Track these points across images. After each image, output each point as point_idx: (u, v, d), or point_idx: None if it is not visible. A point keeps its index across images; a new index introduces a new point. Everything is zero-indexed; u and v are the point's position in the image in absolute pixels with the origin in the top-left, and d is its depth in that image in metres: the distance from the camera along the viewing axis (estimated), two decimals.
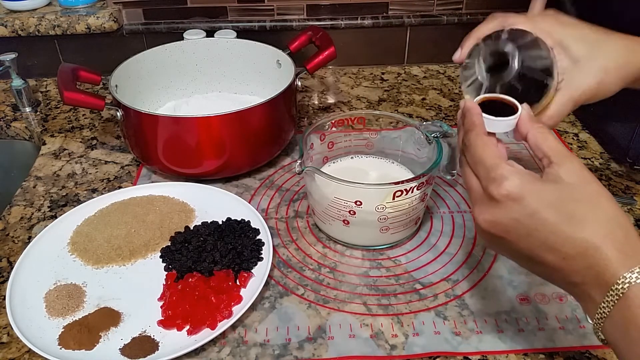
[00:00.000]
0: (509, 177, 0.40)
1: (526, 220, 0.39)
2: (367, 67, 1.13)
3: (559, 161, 0.41)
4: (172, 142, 0.74)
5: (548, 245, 0.39)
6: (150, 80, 0.89)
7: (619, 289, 0.36)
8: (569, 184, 0.39)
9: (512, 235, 0.40)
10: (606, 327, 0.38)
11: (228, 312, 0.57)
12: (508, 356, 0.54)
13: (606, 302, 0.37)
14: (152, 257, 0.66)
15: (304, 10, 1.07)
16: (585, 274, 0.38)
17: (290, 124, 0.83)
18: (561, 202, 0.39)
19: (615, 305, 0.37)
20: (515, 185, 0.39)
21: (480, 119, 0.46)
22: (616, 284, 0.36)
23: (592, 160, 0.84)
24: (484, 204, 0.42)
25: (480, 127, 0.45)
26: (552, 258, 0.39)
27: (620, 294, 0.36)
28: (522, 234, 0.40)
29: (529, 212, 0.39)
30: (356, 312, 0.60)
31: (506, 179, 0.40)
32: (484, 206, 0.42)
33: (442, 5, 1.08)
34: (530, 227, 0.39)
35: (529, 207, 0.39)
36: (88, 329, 0.56)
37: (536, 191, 0.39)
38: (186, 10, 1.06)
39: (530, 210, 0.39)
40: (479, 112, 0.46)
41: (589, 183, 0.40)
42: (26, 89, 0.98)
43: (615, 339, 0.38)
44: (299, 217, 0.73)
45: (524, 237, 0.40)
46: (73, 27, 1.03)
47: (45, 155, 0.87)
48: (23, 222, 0.73)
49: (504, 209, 0.40)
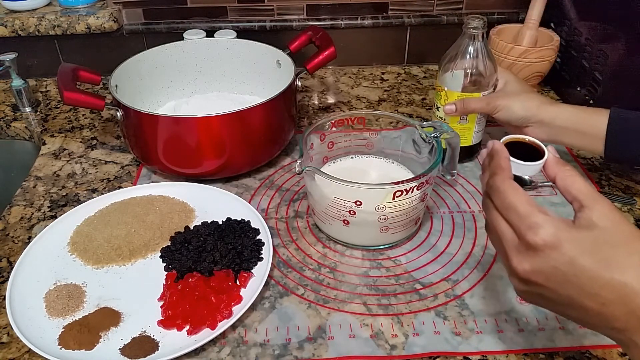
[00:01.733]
0: (545, 225, 0.40)
1: (565, 268, 0.39)
2: (367, 67, 1.13)
3: (590, 205, 0.41)
4: (172, 142, 0.74)
5: (587, 292, 0.39)
6: (150, 80, 0.89)
7: None
8: (603, 228, 0.40)
9: (551, 283, 0.41)
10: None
11: (228, 312, 0.57)
12: (508, 356, 0.54)
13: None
14: (152, 257, 0.66)
15: (304, 10, 1.07)
16: (628, 319, 0.38)
17: (290, 124, 0.83)
18: (598, 248, 0.39)
19: None
20: (551, 234, 0.40)
21: (508, 163, 0.46)
22: None
23: (592, 160, 0.84)
24: (521, 252, 0.42)
25: (508, 172, 0.45)
26: (592, 304, 0.39)
27: None
28: (560, 281, 0.40)
29: (567, 259, 0.39)
30: (356, 312, 0.60)
31: (542, 227, 0.40)
32: (521, 255, 0.42)
33: (442, 5, 1.08)
34: (569, 274, 0.39)
35: (567, 254, 0.39)
36: (88, 329, 0.56)
37: (573, 239, 0.40)
38: (186, 10, 1.06)
39: (568, 257, 0.39)
40: (507, 155, 0.46)
41: (622, 225, 0.40)
42: (26, 89, 0.98)
43: None
44: (299, 217, 0.73)
45: (563, 284, 0.40)
46: (73, 27, 1.03)
47: (45, 155, 0.87)
48: (23, 222, 0.73)
49: (543, 257, 0.40)
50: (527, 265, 0.41)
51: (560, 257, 0.39)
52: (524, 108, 0.71)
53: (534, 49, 0.91)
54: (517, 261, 0.42)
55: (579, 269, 0.39)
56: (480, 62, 0.74)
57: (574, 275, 0.39)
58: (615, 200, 0.74)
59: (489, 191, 0.45)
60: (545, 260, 0.40)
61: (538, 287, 0.42)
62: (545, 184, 0.77)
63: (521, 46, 0.92)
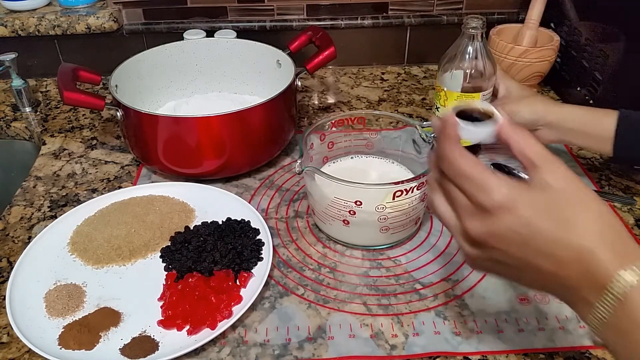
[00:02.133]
0: (498, 187, 0.40)
1: (521, 229, 0.39)
2: (367, 67, 1.13)
3: (544, 166, 0.41)
4: (172, 142, 0.74)
5: (543, 253, 0.39)
6: (150, 80, 0.89)
7: (614, 289, 0.36)
8: (557, 190, 0.40)
9: (506, 245, 0.40)
10: (604, 330, 0.38)
11: (228, 312, 0.57)
12: (508, 356, 0.54)
13: (602, 303, 0.37)
14: (152, 257, 0.66)
15: (304, 10, 1.07)
16: (581, 277, 0.38)
17: (290, 124, 0.83)
18: (553, 209, 0.39)
19: (612, 307, 0.37)
20: (505, 195, 0.39)
21: (455, 131, 0.45)
22: (611, 284, 0.36)
23: (592, 160, 0.84)
24: (475, 215, 0.41)
25: (456, 139, 0.44)
26: (548, 265, 0.39)
27: (616, 294, 0.36)
28: (516, 242, 0.40)
29: (523, 221, 0.39)
30: (356, 312, 0.60)
31: (495, 189, 0.40)
32: (475, 218, 0.41)
33: (442, 5, 1.08)
34: (525, 236, 0.39)
35: (522, 216, 0.39)
36: (88, 329, 0.56)
37: (527, 200, 0.39)
38: (186, 10, 1.06)
39: (524, 219, 0.39)
40: (454, 122, 0.45)
41: (576, 186, 0.40)
42: (26, 89, 0.98)
43: (615, 342, 0.38)
44: (299, 217, 0.73)
45: (519, 245, 0.40)
46: (73, 27, 1.03)
47: (45, 155, 0.87)
48: (23, 222, 0.73)
49: (498, 219, 0.40)
50: (481, 228, 0.41)
51: (516, 219, 0.39)
52: (531, 112, 0.71)
53: (534, 49, 0.91)
54: (471, 224, 0.41)
55: (534, 230, 0.39)
56: (480, 62, 0.74)
57: (530, 237, 0.39)
58: (615, 200, 0.74)
59: (438, 161, 0.44)
60: (500, 222, 0.39)
61: (492, 251, 0.41)
62: None
63: (521, 46, 0.92)
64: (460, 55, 0.74)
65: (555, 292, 0.42)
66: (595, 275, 0.37)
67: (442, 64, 0.76)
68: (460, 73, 0.74)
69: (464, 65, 0.74)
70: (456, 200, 0.43)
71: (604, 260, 0.37)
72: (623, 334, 0.37)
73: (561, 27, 0.97)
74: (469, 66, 0.74)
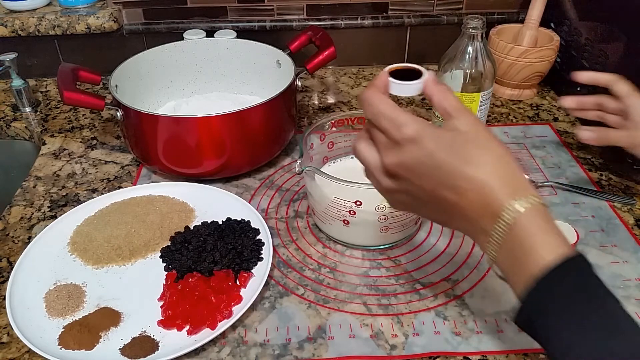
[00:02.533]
0: (409, 123, 0.44)
1: (426, 160, 0.43)
2: (367, 67, 1.13)
3: (457, 115, 0.45)
4: (172, 142, 0.74)
5: (446, 183, 0.43)
6: (150, 80, 0.89)
7: (505, 217, 0.41)
8: (463, 132, 0.44)
9: (414, 175, 0.44)
10: (499, 257, 0.43)
11: (228, 312, 0.57)
12: (508, 356, 0.54)
13: (496, 230, 0.41)
14: (152, 257, 0.66)
15: (304, 10, 1.07)
16: (479, 208, 0.42)
17: (290, 124, 0.83)
18: (456, 145, 0.43)
19: (504, 232, 0.41)
20: (414, 129, 0.44)
21: (383, 80, 0.48)
22: (503, 212, 0.41)
23: (592, 160, 0.84)
24: (389, 148, 0.46)
25: (379, 87, 0.48)
26: (451, 195, 0.43)
27: (507, 220, 0.41)
28: (422, 172, 0.44)
29: (428, 152, 0.43)
30: (356, 312, 0.60)
31: (406, 125, 0.44)
32: (388, 151, 0.46)
33: (442, 5, 1.08)
34: (430, 166, 0.43)
35: (427, 148, 0.43)
36: (88, 329, 0.56)
37: (434, 135, 0.44)
38: (186, 10, 1.06)
39: (428, 150, 0.43)
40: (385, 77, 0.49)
41: (481, 130, 0.44)
42: (26, 89, 0.98)
43: (507, 269, 0.43)
44: (299, 217, 0.73)
45: (424, 175, 0.44)
46: (73, 27, 1.03)
47: (45, 155, 0.87)
48: (23, 222, 0.73)
49: (407, 150, 0.44)
50: (394, 159, 0.45)
51: (421, 150, 0.43)
52: None
53: (534, 49, 0.91)
54: (386, 157, 0.46)
55: (438, 161, 0.43)
56: (480, 62, 0.74)
57: (434, 167, 0.43)
58: (615, 200, 0.74)
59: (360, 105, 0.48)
60: (408, 153, 0.44)
61: (403, 182, 0.45)
62: (545, 184, 0.77)
63: (521, 46, 0.92)
64: (460, 55, 0.74)
65: (460, 226, 0.45)
66: (491, 205, 0.42)
67: (442, 64, 0.76)
68: (460, 73, 0.74)
69: (464, 65, 0.74)
70: (376, 138, 0.47)
71: (498, 192, 0.41)
72: (513, 259, 0.41)
73: (561, 27, 0.97)
74: (469, 66, 0.74)
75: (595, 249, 0.67)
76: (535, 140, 0.88)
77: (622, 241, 0.68)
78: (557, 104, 0.98)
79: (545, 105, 0.98)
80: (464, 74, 0.74)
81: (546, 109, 0.97)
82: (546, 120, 0.94)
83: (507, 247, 0.41)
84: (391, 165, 0.45)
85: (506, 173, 0.42)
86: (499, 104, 0.99)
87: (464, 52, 0.74)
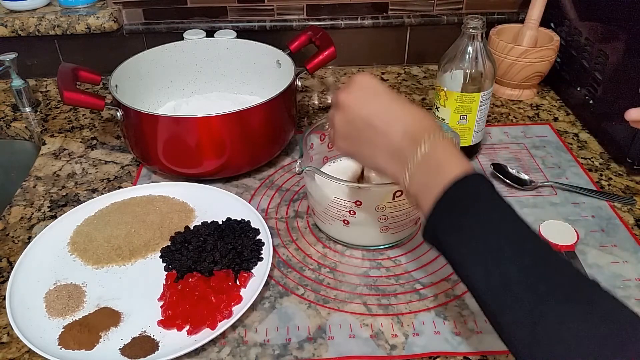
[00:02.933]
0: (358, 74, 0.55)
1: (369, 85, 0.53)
2: (367, 67, 1.13)
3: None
4: (172, 142, 0.74)
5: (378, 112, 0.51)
6: (150, 80, 0.89)
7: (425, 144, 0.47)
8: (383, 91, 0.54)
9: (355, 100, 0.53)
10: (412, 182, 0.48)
11: (228, 312, 0.57)
12: (508, 356, 0.54)
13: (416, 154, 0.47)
14: (152, 257, 0.66)
15: (304, 10, 1.07)
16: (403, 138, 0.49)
17: (290, 124, 0.83)
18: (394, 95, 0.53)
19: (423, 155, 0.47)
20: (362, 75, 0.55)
21: None
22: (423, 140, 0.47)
23: (592, 160, 0.84)
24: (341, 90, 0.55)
25: None
26: (382, 124, 0.51)
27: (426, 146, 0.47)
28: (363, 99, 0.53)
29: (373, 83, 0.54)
30: (356, 312, 0.60)
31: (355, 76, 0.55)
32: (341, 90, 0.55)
33: (442, 5, 1.08)
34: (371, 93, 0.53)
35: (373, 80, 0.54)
36: (88, 329, 0.56)
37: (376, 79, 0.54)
38: (186, 10, 1.06)
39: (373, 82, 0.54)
40: None
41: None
42: (26, 89, 0.98)
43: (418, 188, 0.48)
44: (299, 217, 0.73)
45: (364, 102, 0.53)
46: (73, 27, 1.03)
47: (45, 155, 0.87)
48: (23, 222, 0.73)
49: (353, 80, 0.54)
50: (342, 92, 0.54)
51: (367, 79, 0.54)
52: None
53: (534, 49, 0.91)
54: (339, 93, 0.55)
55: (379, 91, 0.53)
56: (480, 62, 0.74)
57: (373, 95, 0.53)
58: (615, 200, 0.74)
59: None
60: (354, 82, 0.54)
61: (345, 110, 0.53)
62: (545, 184, 0.77)
63: (521, 46, 0.92)
64: (460, 55, 0.74)
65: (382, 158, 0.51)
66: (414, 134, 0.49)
67: (442, 64, 0.76)
68: (460, 73, 0.74)
69: (464, 65, 0.74)
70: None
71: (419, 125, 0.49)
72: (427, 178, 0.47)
73: (561, 27, 0.97)
74: (469, 66, 0.74)
75: (595, 249, 0.67)
76: (535, 140, 0.88)
77: (622, 241, 0.68)
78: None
79: (545, 105, 0.98)
80: (464, 74, 0.74)
81: (546, 109, 0.97)
82: (546, 120, 0.94)
83: (422, 170, 0.48)
84: (339, 97, 0.54)
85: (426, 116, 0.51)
86: (499, 104, 0.99)
87: (464, 52, 0.74)
